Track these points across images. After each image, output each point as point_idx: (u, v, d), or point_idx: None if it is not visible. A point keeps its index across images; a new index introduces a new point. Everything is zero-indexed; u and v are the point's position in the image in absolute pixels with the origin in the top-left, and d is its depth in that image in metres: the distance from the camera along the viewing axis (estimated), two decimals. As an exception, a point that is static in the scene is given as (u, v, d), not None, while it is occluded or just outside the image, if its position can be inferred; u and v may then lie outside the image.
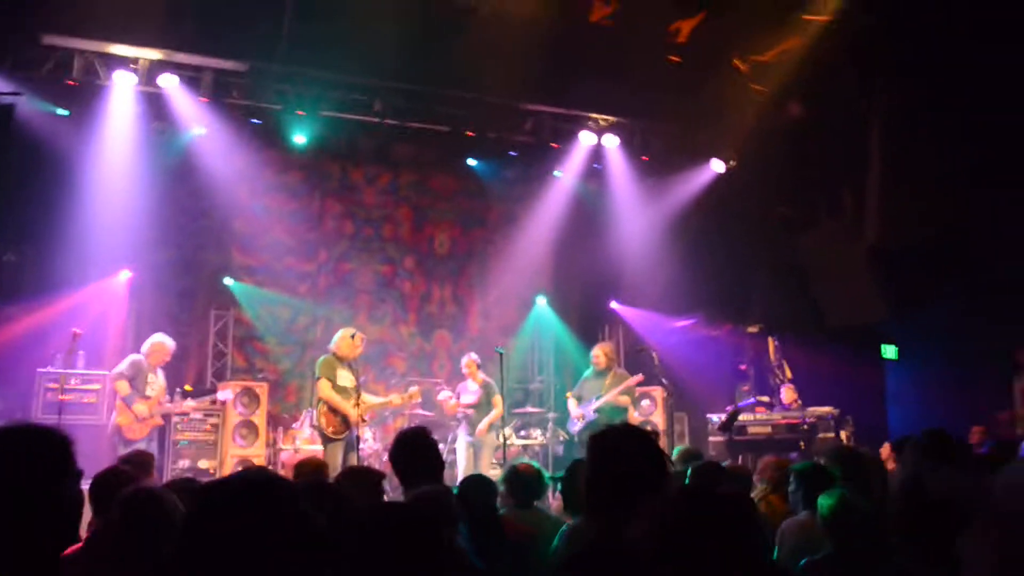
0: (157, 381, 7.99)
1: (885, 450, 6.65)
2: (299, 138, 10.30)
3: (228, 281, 10.45)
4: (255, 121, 10.04)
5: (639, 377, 8.93)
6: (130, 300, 9.76)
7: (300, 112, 9.78)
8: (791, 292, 10.72)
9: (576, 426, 8.79)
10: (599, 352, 8.96)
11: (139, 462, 4.90)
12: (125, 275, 9.65)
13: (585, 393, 8.89)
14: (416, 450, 3.93)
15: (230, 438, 9.20)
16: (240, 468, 9.00)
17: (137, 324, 9.59)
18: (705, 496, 2.09)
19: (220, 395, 8.80)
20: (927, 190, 9.44)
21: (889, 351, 10.62)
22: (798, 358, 10.06)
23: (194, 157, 9.89)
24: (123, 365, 7.84)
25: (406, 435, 4.05)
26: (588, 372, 9.12)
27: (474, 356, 9.14)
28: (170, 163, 9.87)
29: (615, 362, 9.05)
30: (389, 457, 3.94)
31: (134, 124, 9.35)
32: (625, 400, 8.77)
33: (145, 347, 8.01)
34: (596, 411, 8.62)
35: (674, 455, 7.15)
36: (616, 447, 2.47)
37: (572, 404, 8.94)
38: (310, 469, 4.56)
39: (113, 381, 7.81)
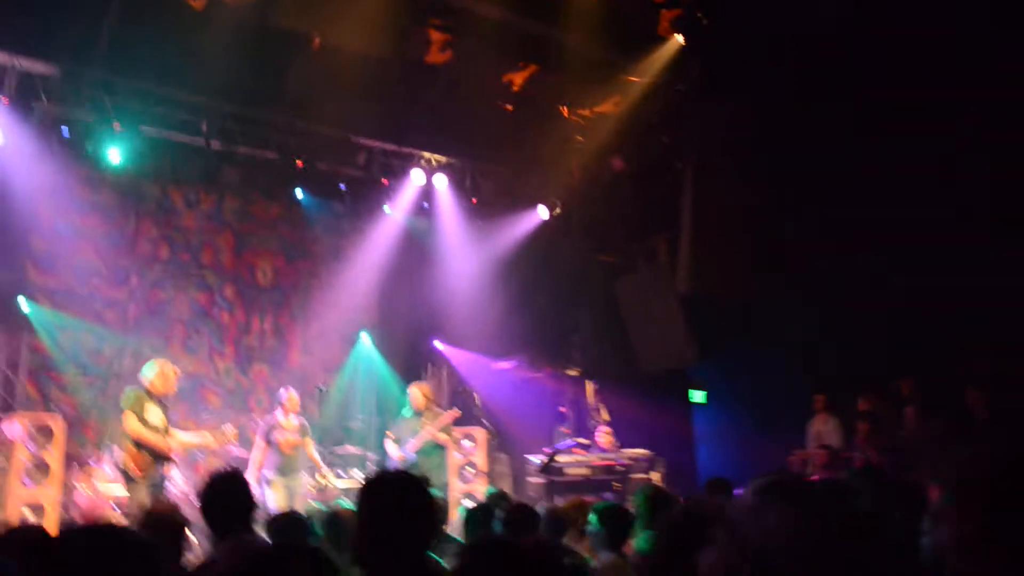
0: None
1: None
2: (114, 155, 9.47)
3: (22, 302, 9.47)
4: (64, 129, 9.19)
5: (454, 412, 8.97)
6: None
7: (117, 125, 9.12)
8: (609, 336, 11.13)
9: (394, 466, 8.63)
10: (415, 392, 8.93)
11: None
12: None
13: (403, 434, 8.80)
14: (231, 496, 3.71)
15: (17, 479, 8.32)
16: (28, 512, 8.23)
17: None
18: (506, 548, 2.07)
19: (5, 428, 7.94)
20: (731, 243, 10.21)
21: (697, 395, 11.28)
22: (614, 401, 10.40)
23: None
24: None
25: (219, 478, 3.82)
26: (405, 411, 9.06)
27: (295, 392, 8.83)
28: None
29: (432, 402, 9.02)
30: (199, 501, 3.70)
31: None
32: (444, 438, 8.76)
33: None
34: (416, 452, 8.54)
35: (488, 494, 7.22)
36: (387, 497, 2.38)
37: (391, 446, 8.79)
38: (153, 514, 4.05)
39: None
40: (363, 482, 2.46)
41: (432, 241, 11.51)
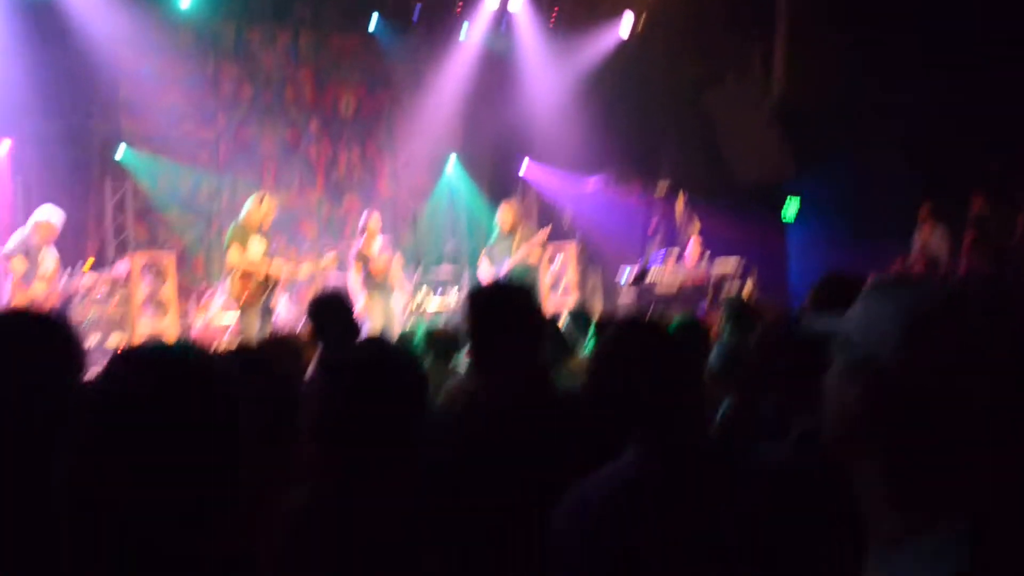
0: (48, 260, 7.52)
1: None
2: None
3: (122, 149, 9.80)
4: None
5: (545, 231, 8.79)
6: (14, 173, 9.13)
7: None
8: (699, 151, 10.74)
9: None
10: (505, 212, 8.74)
11: None
12: (6, 145, 8.97)
13: (496, 254, 8.67)
14: (338, 311, 3.90)
15: (139, 312, 8.91)
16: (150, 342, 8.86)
17: (26, 199, 8.95)
18: (647, 326, 2.03)
19: (119, 267, 8.31)
20: (832, 46, 9.49)
21: (791, 208, 10.88)
22: (704, 216, 10.15)
23: (67, 15, 9.02)
24: (12, 243, 7.33)
25: (326, 297, 4.01)
26: (495, 233, 8.94)
27: (377, 214, 8.87)
28: (39, 21, 8.98)
29: (522, 221, 8.79)
30: (310, 319, 3.88)
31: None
32: (536, 257, 8.65)
33: (30, 224, 7.48)
34: (509, 272, 8.39)
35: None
36: (490, 305, 2.38)
37: (484, 267, 8.74)
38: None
39: (6, 260, 7.30)
40: (471, 295, 2.46)
41: (513, 62, 11.21)
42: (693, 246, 9.70)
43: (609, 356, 1.95)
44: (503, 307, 2.34)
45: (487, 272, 8.61)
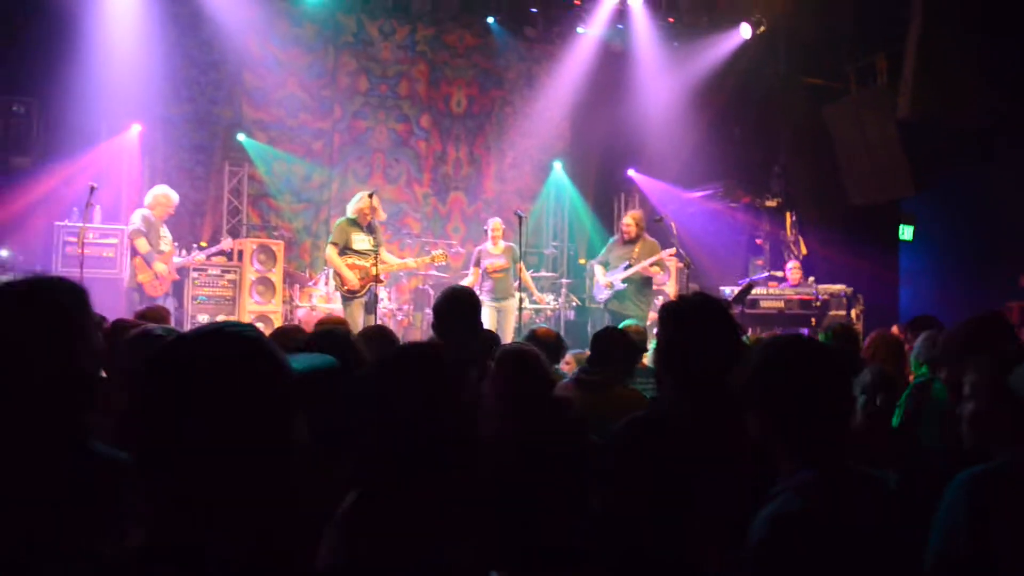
0: (167, 234, 7.90)
1: (895, 329, 6.66)
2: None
3: (241, 137, 10.22)
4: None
5: (672, 250, 8.55)
6: (143, 155, 9.59)
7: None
8: (814, 166, 10.44)
9: (603, 294, 8.46)
10: (631, 220, 8.52)
11: (155, 316, 4.76)
12: (136, 129, 9.44)
13: (612, 260, 8.51)
14: (464, 306, 3.93)
15: (247, 294, 9.26)
16: (258, 324, 9.23)
17: (151, 179, 9.38)
18: (802, 342, 2.03)
19: (223, 243, 8.66)
20: (968, 62, 9.02)
21: (906, 232, 10.46)
22: (815, 234, 9.90)
23: (201, 5, 9.46)
24: (136, 222, 7.70)
25: (456, 290, 4.05)
26: (613, 239, 8.80)
27: (499, 219, 8.94)
28: (176, 11, 9.49)
29: (645, 231, 8.58)
30: (435, 312, 3.91)
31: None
32: (656, 271, 8.44)
33: (148, 199, 7.85)
34: (625, 281, 8.29)
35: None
36: (689, 315, 2.40)
37: (599, 271, 8.61)
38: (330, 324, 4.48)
39: (131, 239, 7.70)
40: (666, 305, 2.51)
41: (627, 65, 11.06)
42: (793, 270, 9.46)
43: (766, 375, 1.88)
44: (706, 321, 2.36)
45: (601, 277, 8.51)
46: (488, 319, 8.57)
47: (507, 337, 8.14)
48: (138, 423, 1.21)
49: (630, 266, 8.25)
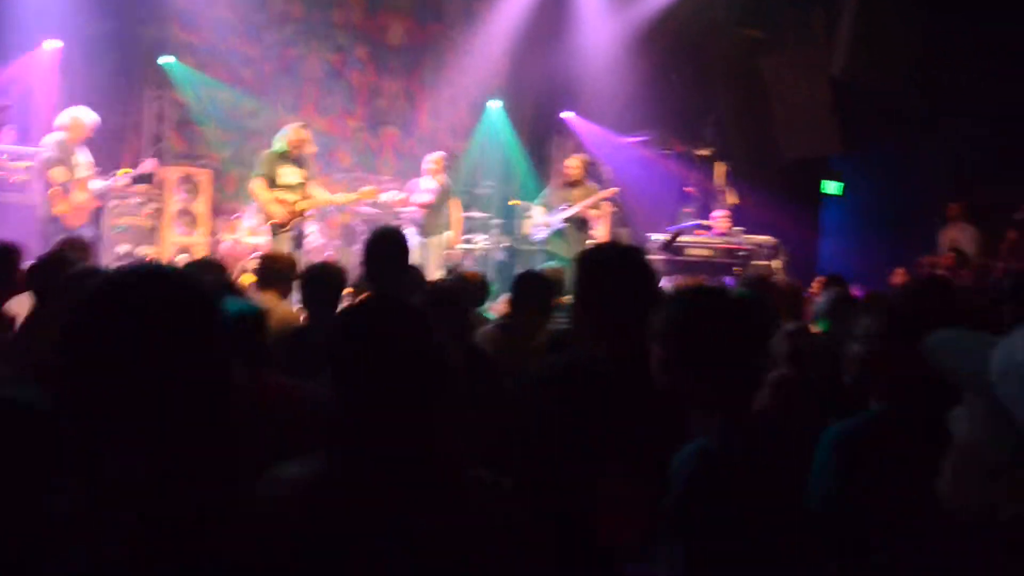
0: (83, 159, 7.45)
1: (816, 284, 6.89)
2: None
3: (167, 59, 9.79)
4: None
5: (613, 190, 8.64)
6: (60, 74, 9.11)
7: None
8: (748, 117, 10.53)
9: (541, 233, 8.51)
10: (576, 162, 8.57)
11: (79, 247, 4.80)
12: (53, 45, 8.97)
13: (553, 202, 8.54)
14: (393, 247, 3.98)
15: (171, 225, 9.03)
16: (181, 255, 9.02)
17: (69, 100, 8.55)
18: (717, 295, 2.09)
19: (145, 165, 8.15)
20: (908, 31, 9.16)
21: (831, 187, 10.72)
22: (745, 186, 10.03)
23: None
24: (49, 148, 7.29)
25: (386, 232, 4.11)
26: (554, 181, 8.83)
27: (441, 153, 8.84)
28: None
29: (587, 175, 8.63)
30: (363, 254, 3.96)
31: None
32: (594, 213, 8.53)
33: (61, 121, 7.36)
34: (565, 220, 8.34)
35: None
36: (607, 264, 2.48)
37: (538, 212, 8.63)
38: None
39: (45, 168, 7.29)
40: (585, 252, 2.56)
41: (569, 5, 10.92)
42: (720, 219, 9.62)
43: (687, 328, 1.93)
44: (624, 271, 2.41)
45: (540, 219, 8.52)
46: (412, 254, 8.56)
47: (430, 275, 8.03)
48: (80, 370, 1.19)
49: (570, 207, 8.27)
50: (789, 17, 10.13)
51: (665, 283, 8.58)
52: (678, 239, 9.13)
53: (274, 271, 4.32)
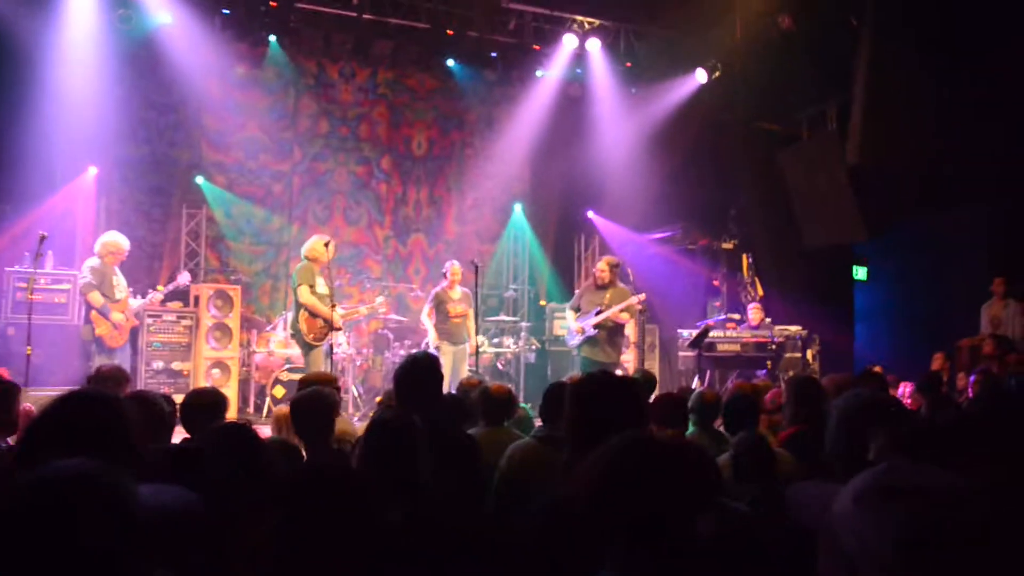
0: (120, 281, 7.80)
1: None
2: (271, 32, 10.04)
3: (200, 179, 10.24)
4: (225, 12, 9.73)
5: (642, 296, 8.50)
6: (98, 198, 9.58)
7: (273, 3, 9.45)
8: (770, 209, 10.67)
9: (575, 339, 8.46)
10: (604, 266, 8.49)
11: (114, 379, 4.77)
12: (92, 172, 9.44)
13: (584, 305, 8.48)
14: (423, 374, 3.92)
15: (204, 340, 9.20)
16: (215, 370, 9.21)
17: (107, 222, 9.35)
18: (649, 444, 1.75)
19: (180, 279, 8.50)
20: (911, 111, 9.32)
21: (860, 272, 10.72)
22: (771, 276, 10.07)
23: (160, 47, 9.51)
24: (87, 274, 7.59)
25: (417, 359, 4.00)
26: (585, 284, 8.80)
27: (458, 264, 8.99)
28: (134, 53, 9.50)
29: (617, 278, 8.56)
30: (395, 378, 3.91)
31: (95, 11, 9.02)
32: (626, 318, 8.41)
33: (97, 247, 7.75)
34: (596, 327, 8.26)
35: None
36: (595, 394, 2.57)
37: (571, 316, 8.60)
38: (315, 379, 4.65)
39: (84, 293, 7.62)
40: (575, 383, 2.68)
41: (586, 109, 11.28)
42: (753, 311, 9.66)
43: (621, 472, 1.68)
44: (620, 400, 2.51)
45: (572, 324, 8.52)
46: (444, 363, 8.56)
47: (458, 379, 8.16)
48: None
49: (600, 311, 8.27)
50: (804, 110, 10.35)
51: (697, 382, 8.81)
52: (708, 334, 9.15)
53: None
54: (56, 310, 8.41)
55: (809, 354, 9.38)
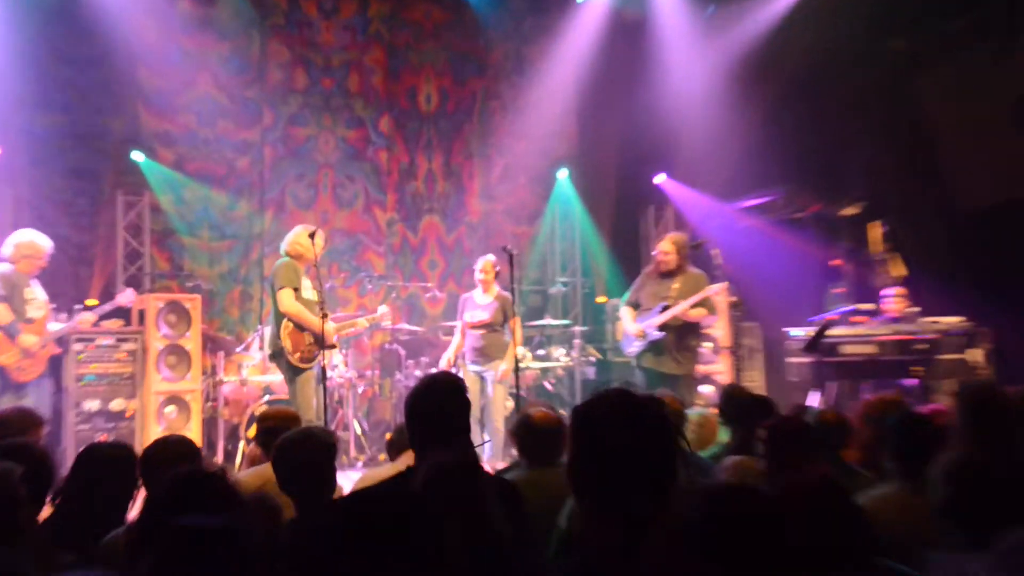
0: (37, 294, 7.32)
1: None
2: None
3: (138, 156, 9.47)
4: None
5: (722, 286, 8.09)
6: (4, 185, 8.96)
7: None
8: (907, 158, 9.89)
9: (634, 346, 7.87)
10: (669, 247, 7.91)
11: (18, 426, 4.60)
12: (-9, 150, 8.48)
13: (645, 300, 7.97)
14: (444, 401, 3.66)
15: (153, 369, 8.48)
16: (169, 408, 8.49)
17: (16, 215, 8.73)
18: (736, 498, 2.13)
19: (120, 298, 8.13)
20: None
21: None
22: (915, 250, 9.30)
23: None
24: None
25: (434, 381, 3.74)
26: (645, 271, 8.28)
27: (492, 258, 8.35)
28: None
29: (688, 260, 8.01)
30: (406, 410, 3.65)
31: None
32: (701, 313, 7.81)
33: (7, 251, 7.24)
34: (661, 328, 7.71)
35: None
36: (603, 425, 2.34)
37: (627, 316, 8.02)
38: (278, 422, 4.47)
39: None
40: (575, 409, 2.41)
41: (648, 40, 10.69)
42: (897, 298, 8.86)
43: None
44: (627, 428, 2.31)
45: (630, 325, 8.01)
46: (469, 388, 7.88)
47: (495, 415, 7.99)
48: None
49: (667, 308, 7.71)
50: (951, 19, 9.54)
51: (814, 397, 8.05)
52: (827, 334, 8.27)
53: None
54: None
55: (976, 355, 8.42)
